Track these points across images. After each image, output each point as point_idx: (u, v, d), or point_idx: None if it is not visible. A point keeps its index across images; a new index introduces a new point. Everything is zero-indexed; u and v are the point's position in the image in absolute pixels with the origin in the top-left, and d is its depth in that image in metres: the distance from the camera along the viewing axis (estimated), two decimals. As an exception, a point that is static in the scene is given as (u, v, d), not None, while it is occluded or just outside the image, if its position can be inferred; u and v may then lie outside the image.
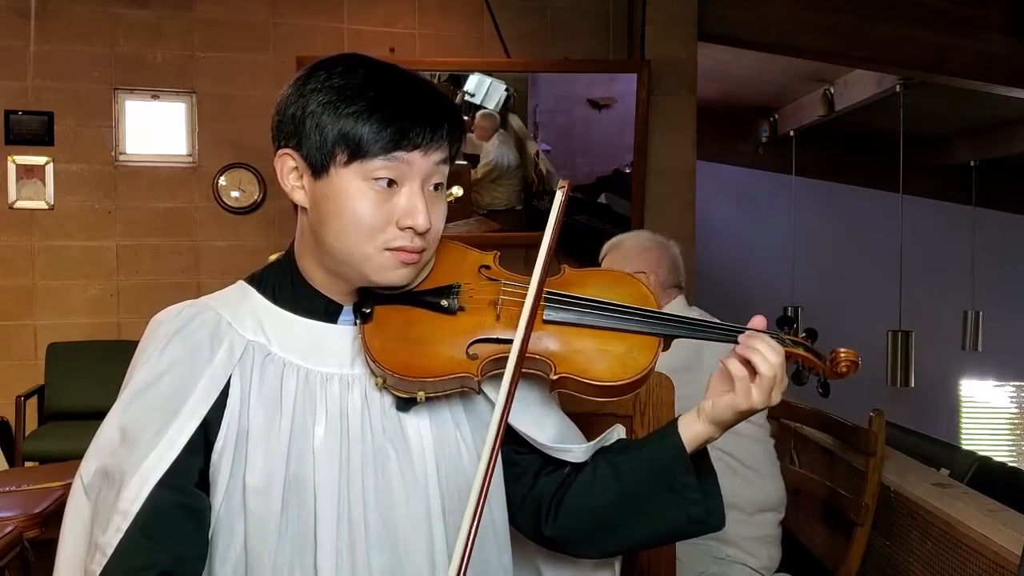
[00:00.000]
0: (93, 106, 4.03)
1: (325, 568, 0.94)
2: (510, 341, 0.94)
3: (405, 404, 1.00)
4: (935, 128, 6.56)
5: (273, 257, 1.10)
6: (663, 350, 1.01)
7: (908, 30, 4.45)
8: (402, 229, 0.95)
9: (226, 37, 4.13)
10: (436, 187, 0.99)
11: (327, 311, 1.02)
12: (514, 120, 4.22)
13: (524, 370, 0.98)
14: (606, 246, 2.23)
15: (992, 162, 6.79)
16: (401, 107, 0.94)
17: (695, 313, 2.00)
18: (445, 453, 1.01)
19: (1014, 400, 7.80)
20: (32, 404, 3.77)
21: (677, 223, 4.23)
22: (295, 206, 1.02)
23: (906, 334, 5.29)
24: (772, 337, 1.00)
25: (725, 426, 1.00)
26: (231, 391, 0.96)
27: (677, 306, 2.15)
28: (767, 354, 0.96)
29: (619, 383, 0.97)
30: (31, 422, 3.75)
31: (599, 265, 2.19)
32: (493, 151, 4.20)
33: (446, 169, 0.99)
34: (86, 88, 4.02)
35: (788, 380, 1.00)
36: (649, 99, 4.19)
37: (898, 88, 5.13)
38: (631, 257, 2.15)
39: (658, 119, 4.28)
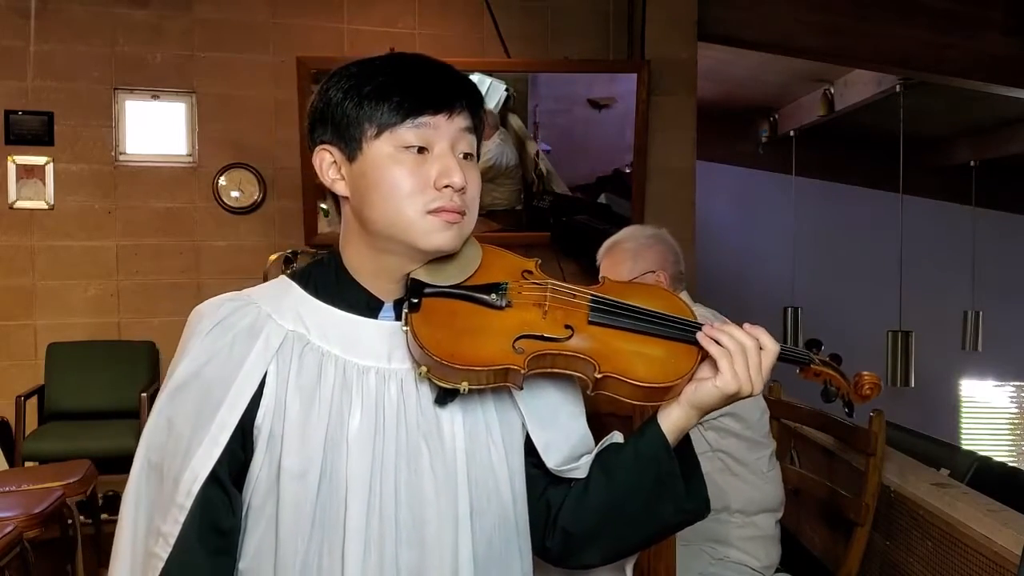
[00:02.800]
0: (93, 106, 4.03)
1: (352, 560, 0.95)
2: (556, 339, 0.99)
3: (444, 397, 1.00)
4: (935, 128, 6.56)
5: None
6: (700, 362, 1.03)
7: (908, 30, 4.46)
8: (440, 189, 0.98)
9: (226, 37, 4.13)
10: (466, 156, 1.01)
11: (368, 306, 1.04)
12: (514, 120, 4.22)
13: (565, 371, 1.01)
14: (602, 250, 2.15)
15: (992, 162, 6.78)
16: (420, 75, 0.99)
17: (699, 310, 1.93)
18: (476, 454, 1.02)
19: (1014, 400, 7.80)
20: (32, 404, 3.77)
21: (677, 223, 4.22)
22: (337, 205, 1.05)
23: (906, 334, 5.30)
24: (802, 356, 1.07)
25: (706, 410, 1.02)
26: (268, 379, 0.98)
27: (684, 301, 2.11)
28: (732, 331, 1.00)
29: (659, 385, 0.99)
30: (31, 422, 3.75)
31: (597, 269, 2.17)
32: (493, 151, 4.19)
33: (473, 139, 1.03)
34: (86, 88, 4.02)
35: (820, 398, 1.08)
36: (649, 99, 4.19)
37: (898, 88, 5.13)
38: (636, 257, 2.07)
39: (658, 119, 4.29)
